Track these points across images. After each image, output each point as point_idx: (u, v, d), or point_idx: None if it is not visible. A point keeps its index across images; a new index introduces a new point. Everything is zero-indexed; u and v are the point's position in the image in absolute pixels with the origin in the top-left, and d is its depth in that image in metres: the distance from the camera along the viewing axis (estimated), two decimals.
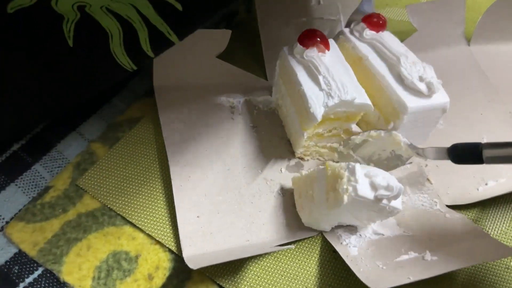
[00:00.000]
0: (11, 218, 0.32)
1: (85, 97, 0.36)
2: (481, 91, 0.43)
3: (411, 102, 0.33)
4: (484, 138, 0.39)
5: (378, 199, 0.27)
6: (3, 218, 0.32)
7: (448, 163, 0.30)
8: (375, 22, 0.36)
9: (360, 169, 0.27)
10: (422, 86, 0.33)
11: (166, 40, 0.32)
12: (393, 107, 0.34)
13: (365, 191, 0.27)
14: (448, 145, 0.30)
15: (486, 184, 0.37)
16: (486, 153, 0.26)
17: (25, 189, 0.33)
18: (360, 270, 0.29)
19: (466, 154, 0.28)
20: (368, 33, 0.36)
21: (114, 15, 0.30)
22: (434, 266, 0.29)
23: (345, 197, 0.27)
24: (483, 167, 0.37)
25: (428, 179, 0.37)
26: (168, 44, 0.32)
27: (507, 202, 0.37)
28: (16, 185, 0.33)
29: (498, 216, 0.36)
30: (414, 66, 0.34)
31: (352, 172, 0.27)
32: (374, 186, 0.27)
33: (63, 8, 0.28)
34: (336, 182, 0.28)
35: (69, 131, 0.37)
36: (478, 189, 0.37)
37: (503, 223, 0.36)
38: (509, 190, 0.35)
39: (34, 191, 0.33)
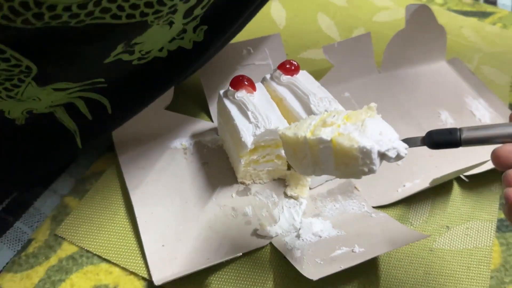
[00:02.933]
0: (0, 271, 0.36)
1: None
2: (395, 111, 0.51)
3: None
4: None
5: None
6: None
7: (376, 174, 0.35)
8: (288, 68, 0.44)
9: (376, 154, 0.27)
10: None
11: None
12: None
13: (378, 165, 0.27)
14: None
15: (404, 185, 0.44)
16: (465, 135, 0.27)
17: (10, 245, 0.38)
18: (303, 268, 0.35)
19: (443, 139, 0.28)
20: (284, 78, 0.44)
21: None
22: (361, 256, 0.35)
23: (361, 176, 0.28)
24: (400, 172, 0.44)
25: (355, 187, 0.44)
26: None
27: (424, 198, 0.44)
28: (2, 242, 0.38)
29: (418, 210, 0.43)
30: (321, 101, 0.41)
31: (367, 155, 0.27)
32: (385, 158, 0.27)
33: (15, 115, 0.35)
34: (348, 159, 0.28)
35: (43, 189, 0.42)
36: (397, 191, 0.44)
37: (423, 215, 0.43)
38: (422, 189, 0.42)
39: (18, 245, 0.38)
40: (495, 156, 0.27)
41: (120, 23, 0.28)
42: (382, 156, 0.27)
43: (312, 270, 0.34)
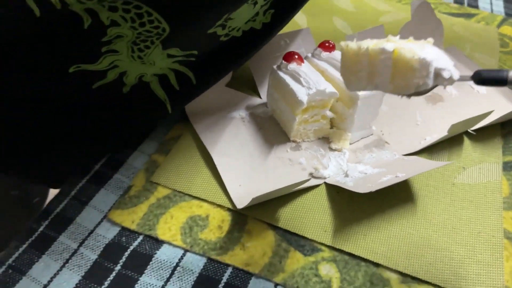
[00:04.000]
0: (109, 210, 0.44)
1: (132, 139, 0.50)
2: None
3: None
4: (417, 114, 0.57)
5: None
6: (103, 211, 0.44)
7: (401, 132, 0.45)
8: (327, 46, 0.54)
9: (433, 67, 0.30)
10: None
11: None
12: (349, 97, 0.50)
13: (432, 82, 0.30)
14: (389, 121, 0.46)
15: (425, 139, 0.54)
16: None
17: (113, 190, 0.46)
18: (358, 190, 0.44)
19: (491, 76, 0.31)
20: (324, 54, 0.54)
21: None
22: (404, 177, 0.44)
23: (414, 89, 0.31)
24: (420, 128, 0.54)
25: (386, 142, 0.53)
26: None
27: (442, 148, 0.53)
28: (105, 189, 0.46)
29: (439, 157, 0.52)
30: None
31: (425, 67, 0.30)
32: (439, 77, 0.31)
33: (130, 79, 0.43)
34: (406, 70, 0.31)
35: (132, 151, 0.50)
36: (420, 143, 0.53)
37: (443, 160, 0.52)
38: (441, 138, 0.52)
39: (120, 190, 0.46)
40: None
41: None
42: (437, 74, 0.31)
43: (366, 190, 0.43)
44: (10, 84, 0.37)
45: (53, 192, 0.67)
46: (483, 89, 0.62)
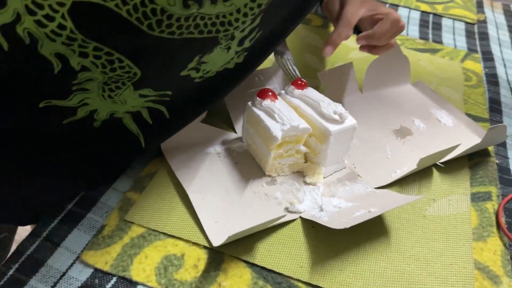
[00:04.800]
0: (82, 251, 0.43)
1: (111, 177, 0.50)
2: (378, 119, 0.64)
3: (332, 127, 0.50)
4: (387, 148, 0.59)
5: None
6: (76, 252, 0.43)
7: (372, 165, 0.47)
8: (300, 84, 0.56)
9: None
10: (336, 117, 0.51)
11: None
12: (322, 133, 0.52)
13: None
14: (361, 155, 0.48)
15: (396, 172, 0.56)
16: None
17: (86, 231, 0.45)
18: (333, 225, 0.44)
19: None
20: (296, 91, 0.56)
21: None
22: (377, 212, 0.45)
23: None
24: (391, 162, 0.56)
25: (358, 175, 0.54)
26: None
27: (412, 181, 0.55)
28: (78, 229, 0.45)
29: (409, 189, 0.54)
30: (329, 105, 0.52)
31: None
32: None
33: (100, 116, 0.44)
34: None
35: (106, 188, 0.50)
36: (391, 176, 0.55)
37: (413, 192, 0.54)
38: (411, 170, 0.54)
39: (93, 230, 0.45)
40: None
41: (201, 37, 0.39)
42: None
43: (341, 225, 0.44)
44: None
45: (22, 228, 0.66)
46: (450, 122, 0.65)
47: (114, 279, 0.41)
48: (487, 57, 0.85)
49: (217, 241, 0.44)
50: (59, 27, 0.33)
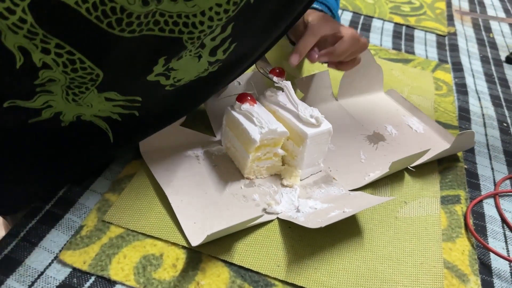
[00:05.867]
0: (60, 251, 0.43)
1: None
2: (351, 126, 0.66)
3: (309, 130, 0.52)
4: (361, 152, 0.61)
5: None
6: (54, 252, 0.43)
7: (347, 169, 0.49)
8: (277, 72, 0.58)
9: None
10: (313, 120, 0.53)
11: None
12: (299, 136, 0.53)
13: None
14: (336, 159, 0.50)
15: (369, 175, 0.57)
16: None
17: (64, 231, 0.45)
18: (309, 225, 0.46)
19: None
20: (274, 96, 0.57)
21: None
22: (351, 212, 0.47)
23: None
24: (364, 166, 0.58)
25: (334, 178, 0.56)
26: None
27: (385, 184, 0.57)
28: (56, 229, 0.45)
29: (382, 192, 0.56)
30: (306, 109, 0.54)
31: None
32: None
33: (67, 118, 0.44)
34: None
35: (84, 190, 0.50)
36: (365, 179, 0.57)
37: (386, 194, 0.56)
38: (384, 174, 0.55)
39: (72, 230, 0.45)
40: None
41: (163, 36, 0.38)
42: None
43: (315, 225, 0.45)
44: None
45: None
46: (421, 128, 0.68)
47: (93, 278, 0.42)
48: (457, 67, 0.88)
49: (195, 241, 0.45)
50: (20, 21, 0.33)
